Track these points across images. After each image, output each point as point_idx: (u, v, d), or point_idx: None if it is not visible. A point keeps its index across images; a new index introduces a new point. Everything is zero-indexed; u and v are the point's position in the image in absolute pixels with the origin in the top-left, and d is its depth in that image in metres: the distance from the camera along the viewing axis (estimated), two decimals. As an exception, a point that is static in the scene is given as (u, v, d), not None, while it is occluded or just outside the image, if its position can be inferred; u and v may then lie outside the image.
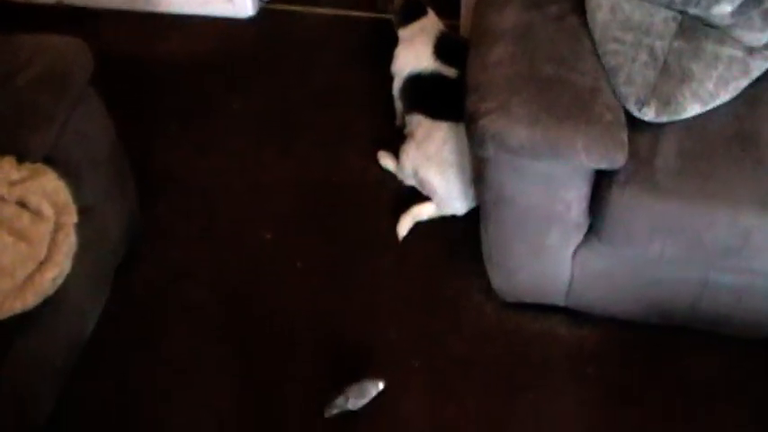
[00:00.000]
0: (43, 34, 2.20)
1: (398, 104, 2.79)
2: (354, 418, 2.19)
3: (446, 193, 2.55)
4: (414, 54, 2.68)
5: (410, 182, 2.65)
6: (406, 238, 2.57)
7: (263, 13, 3.47)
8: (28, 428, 2.05)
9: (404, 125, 2.74)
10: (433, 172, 2.54)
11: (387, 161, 2.74)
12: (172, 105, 3.01)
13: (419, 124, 2.60)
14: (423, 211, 2.60)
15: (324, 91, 3.02)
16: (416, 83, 2.66)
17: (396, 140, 2.71)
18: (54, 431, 2.15)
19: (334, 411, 2.15)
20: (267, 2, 3.54)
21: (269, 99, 3.02)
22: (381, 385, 2.17)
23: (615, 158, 1.90)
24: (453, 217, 2.59)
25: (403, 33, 2.79)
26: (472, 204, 2.55)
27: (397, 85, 2.75)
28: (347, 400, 2.15)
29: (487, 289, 2.40)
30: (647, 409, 2.22)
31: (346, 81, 3.01)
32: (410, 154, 2.59)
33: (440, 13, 2.82)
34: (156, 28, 3.40)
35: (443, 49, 2.65)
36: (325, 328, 2.39)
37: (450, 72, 2.58)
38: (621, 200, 1.94)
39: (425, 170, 2.55)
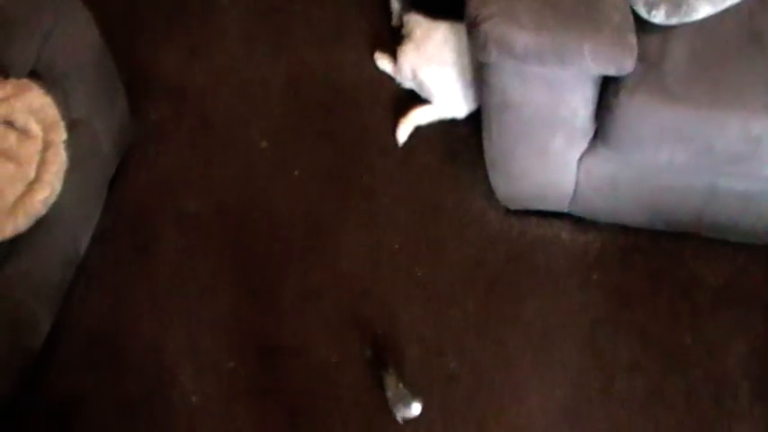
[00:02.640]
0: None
1: (395, 3, 2.69)
2: (362, 330, 2.18)
3: (446, 96, 2.47)
4: None
5: (408, 84, 2.56)
6: (405, 142, 2.50)
7: None
8: (25, 351, 2.04)
9: (401, 25, 2.64)
10: (433, 73, 2.45)
11: (384, 63, 2.64)
12: (157, 4, 2.88)
13: (417, 24, 2.51)
14: (422, 115, 2.52)
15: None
16: None
17: (393, 40, 2.63)
18: (51, 353, 2.14)
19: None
20: None
21: (259, -7, 2.90)
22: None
23: (623, 64, 1.83)
24: (453, 120, 2.52)
25: None
26: (473, 107, 2.47)
27: None
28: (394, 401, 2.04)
29: (490, 195, 2.35)
30: (652, 314, 2.21)
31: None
32: (408, 55, 2.50)
33: None
34: None
35: None
36: (324, 238, 2.36)
37: None
38: (629, 106, 1.88)
39: (425, 72, 2.47)
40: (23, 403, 2.08)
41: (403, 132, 2.50)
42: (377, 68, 2.65)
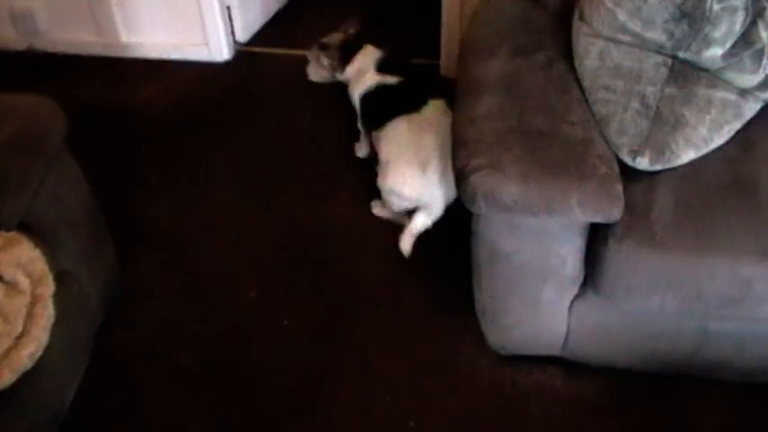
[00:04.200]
0: (14, 94, 2.12)
1: (364, 136, 2.82)
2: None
3: (423, 189, 2.53)
4: (360, 78, 2.76)
5: (399, 206, 2.63)
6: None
7: (239, 56, 3.42)
8: None
9: (373, 153, 2.77)
10: (405, 176, 2.53)
11: (378, 209, 2.73)
12: (150, 157, 2.94)
13: (382, 141, 2.63)
14: (416, 224, 2.57)
15: (305, 137, 2.96)
16: (367, 99, 2.73)
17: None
18: None
19: None
20: (243, 44, 3.49)
21: (249, 147, 2.95)
22: None
23: (611, 213, 1.84)
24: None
25: (349, 71, 2.83)
26: (451, 195, 2.52)
27: (358, 111, 2.81)
28: None
29: (480, 342, 2.33)
30: (649, 463, 2.16)
31: (327, 125, 2.95)
32: (385, 174, 2.58)
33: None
34: (129, 74, 3.34)
35: (385, 64, 2.75)
36: (315, 390, 2.31)
37: (393, 80, 2.68)
38: (618, 254, 1.88)
39: (400, 181, 2.54)
40: None
41: (407, 244, 2.57)
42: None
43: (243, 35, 3.50)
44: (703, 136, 1.97)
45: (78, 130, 2.19)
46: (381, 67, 2.75)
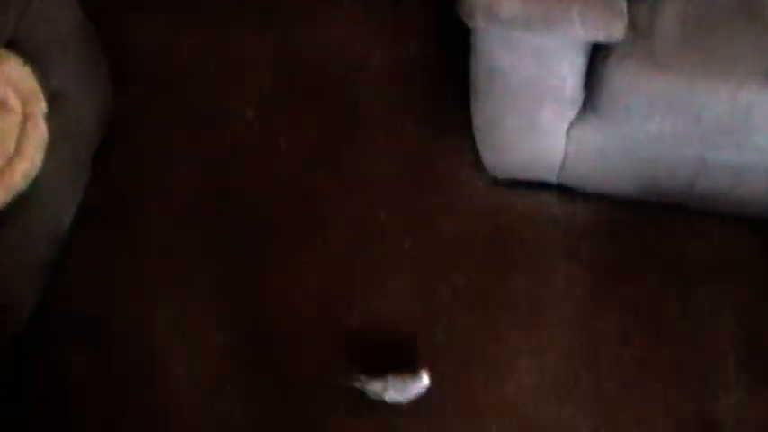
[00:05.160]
0: None
1: None
2: (349, 302, 2.17)
3: None
4: None
5: None
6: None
7: None
8: (8, 331, 2.01)
9: None
10: None
11: None
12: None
13: None
14: None
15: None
16: None
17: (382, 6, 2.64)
18: (36, 333, 2.11)
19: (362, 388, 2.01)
20: None
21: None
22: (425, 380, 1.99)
23: (613, 30, 1.80)
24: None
25: None
26: None
27: None
28: (385, 390, 1.99)
29: (477, 165, 2.32)
30: (641, 287, 2.19)
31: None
32: None
33: None
34: None
35: None
36: (311, 209, 2.33)
37: None
38: (619, 74, 1.86)
39: None
40: (10, 384, 2.04)
41: None
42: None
43: None
44: (714, -49, 1.91)
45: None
46: None
